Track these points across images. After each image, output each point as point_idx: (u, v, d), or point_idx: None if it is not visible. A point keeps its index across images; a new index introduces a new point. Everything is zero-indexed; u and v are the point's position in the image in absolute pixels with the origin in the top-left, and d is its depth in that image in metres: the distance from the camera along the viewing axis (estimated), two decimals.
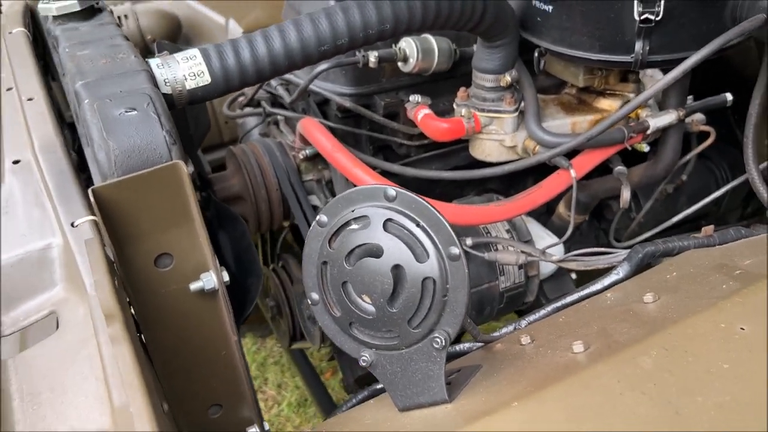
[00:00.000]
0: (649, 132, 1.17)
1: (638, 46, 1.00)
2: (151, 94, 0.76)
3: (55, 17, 1.00)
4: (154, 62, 0.84)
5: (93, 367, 0.62)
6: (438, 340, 0.62)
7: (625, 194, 1.15)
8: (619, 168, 1.21)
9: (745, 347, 0.58)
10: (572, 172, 1.11)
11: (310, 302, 0.68)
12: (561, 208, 1.36)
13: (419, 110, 1.18)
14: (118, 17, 1.93)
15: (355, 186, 0.91)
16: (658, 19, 0.96)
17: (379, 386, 0.87)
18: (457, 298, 0.61)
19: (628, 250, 0.93)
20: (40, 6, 1.00)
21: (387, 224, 0.62)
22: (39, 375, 0.64)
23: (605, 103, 1.25)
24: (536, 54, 1.12)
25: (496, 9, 0.99)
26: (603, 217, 1.50)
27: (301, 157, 1.25)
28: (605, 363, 0.60)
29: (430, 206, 0.61)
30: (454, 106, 1.19)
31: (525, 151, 1.18)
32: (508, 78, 1.12)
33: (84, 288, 0.70)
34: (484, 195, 1.28)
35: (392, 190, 0.62)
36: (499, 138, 1.17)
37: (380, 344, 0.65)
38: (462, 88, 1.17)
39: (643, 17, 0.97)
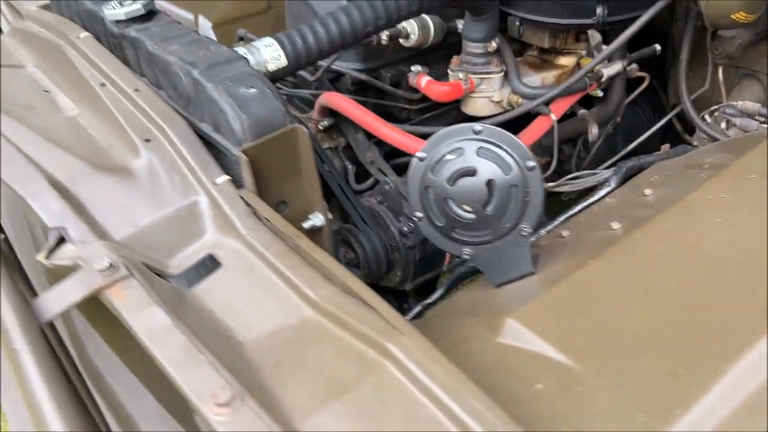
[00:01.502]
0: (603, 80, 1.46)
1: (599, 10, 1.27)
2: (257, 75, 0.95)
3: (119, 21, 1.15)
4: (241, 50, 1.02)
5: (275, 280, 0.81)
6: (524, 230, 0.86)
7: (594, 129, 1.43)
8: (583, 111, 1.49)
9: (729, 207, 0.86)
10: (552, 116, 1.38)
11: (415, 219, 0.90)
12: None
13: (421, 78, 1.41)
14: None
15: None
16: None
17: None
18: (534, 198, 0.85)
19: (612, 168, 1.20)
20: (108, 12, 1.15)
21: (479, 151, 0.85)
22: (224, 298, 0.82)
23: (564, 60, 1.53)
24: (517, 23, 1.38)
25: None
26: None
27: (320, 128, 1.45)
28: (640, 230, 0.86)
29: (508, 133, 0.85)
30: (449, 71, 1.43)
31: (510, 104, 1.44)
32: (494, 44, 1.37)
33: (236, 230, 0.89)
34: None
35: (478, 125, 0.86)
36: (488, 95, 1.42)
37: (477, 241, 0.88)
38: (455, 56, 1.42)
39: None
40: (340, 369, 0.67)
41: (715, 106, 1.51)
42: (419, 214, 0.90)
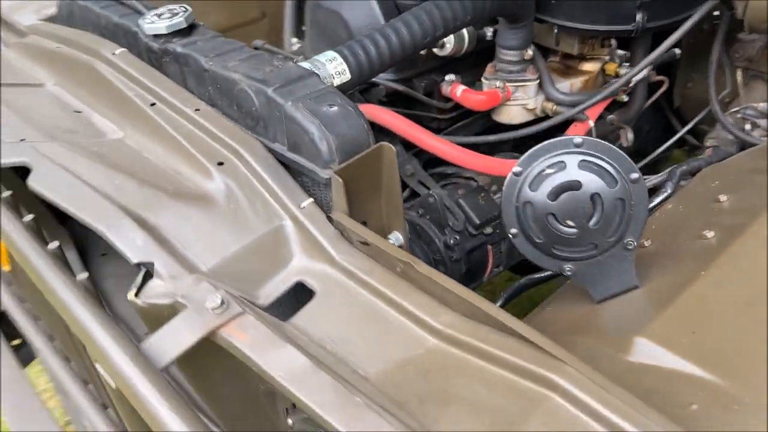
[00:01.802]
0: (630, 85, 1.47)
1: (638, 17, 1.28)
2: (336, 92, 0.91)
3: (159, 35, 1.08)
4: (305, 65, 0.98)
5: (384, 307, 0.77)
6: (630, 243, 0.84)
7: (629, 135, 1.44)
8: (611, 116, 1.50)
9: None
10: (591, 123, 1.38)
11: (510, 236, 0.88)
12: None
13: (456, 87, 1.38)
14: None
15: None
16: None
17: None
18: (639, 211, 0.84)
19: (664, 173, 1.21)
20: (146, 26, 1.08)
21: (581, 164, 0.83)
22: (327, 329, 0.77)
23: (588, 66, 1.53)
24: (555, 31, 1.37)
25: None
26: None
27: None
28: (743, 238, 0.85)
29: (610, 145, 0.83)
30: (483, 79, 1.41)
31: (543, 112, 1.43)
32: (529, 52, 1.36)
33: (327, 255, 0.84)
34: (507, 153, 1.51)
35: (578, 138, 0.84)
36: (523, 102, 1.41)
37: (580, 256, 0.86)
38: (489, 64, 1.40)
39: None
40: (497, 403, 0.63)
41: (735, 108, 1.53)
42: (514, 231, 0.87)
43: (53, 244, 0.78)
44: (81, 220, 0.81)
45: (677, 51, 1.57)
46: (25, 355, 1.63)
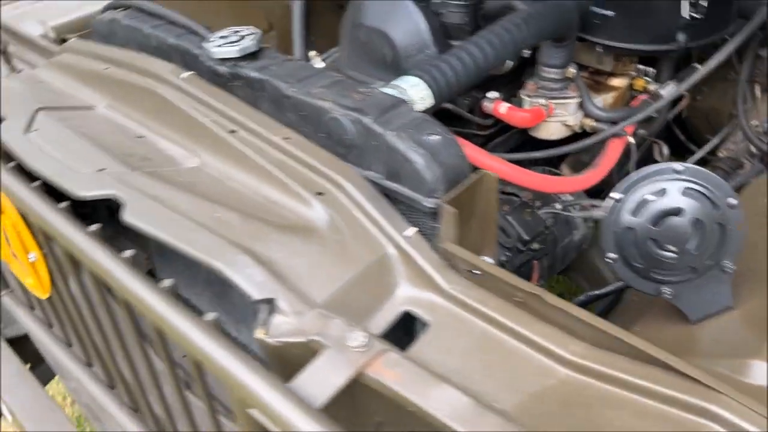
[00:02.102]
0: (665, 101, 1.51)
1: (681, 37, 1.32)
2: (433, 120, 0.91)
3: (227, 59, 1.07)
4: (391, 91, 0.98)
5: (505, 338, 0.78)
6: (727, 266, 0.87)
7: (665, 150, 1.48)
8: (642, 131, 1.54)
9: None
10: (630, 139, 1.41)
11: (609, 260, 0.90)
12: None
13: (499, 104, 1.40)
14: None
15: None
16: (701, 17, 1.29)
17: None
18: (736, 235, 0.87)
19: None
20: (215, 49, 1.06)
21: (684, 190, 0.86)
22: (446, 362, 0.77)
23: (617, 81, 1.56)
24: (599, 50, 1.40)
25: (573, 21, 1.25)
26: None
27: None
28: None
29: (709, 172, 0.86)
30: (524, 97, 1.43)
31: (581, 128, 1.46)
32: (572, 70, 1.39)
33: (436, 285, 0.84)
34: (546, 168, 1.54)
35: (679, 165, 0.86)
36: (563, 119, 1.43)
37: (677, 279, 0.88)
38: (530, 82, 1.42)
39: (690, 16, 1.28)
40: None
41: (755, 122, 1.60)
42: (613, 256, 0.89)
43: (166, 282, 0.76)
44: (193, 256, 0.80)
45: (698, 66, 1.63)
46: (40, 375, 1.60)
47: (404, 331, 0.86)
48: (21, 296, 1.35)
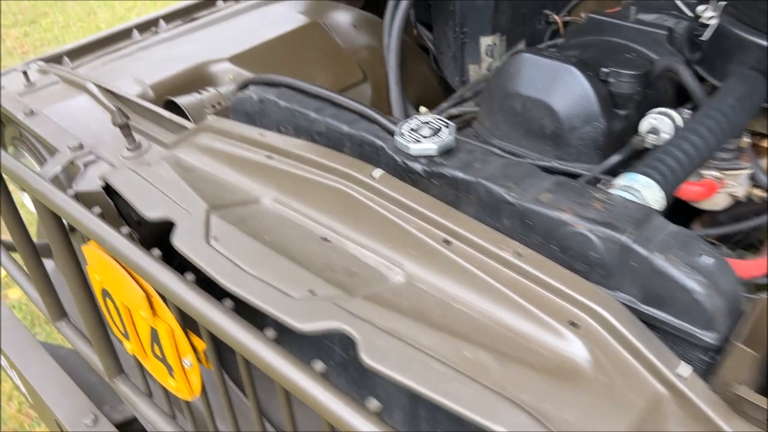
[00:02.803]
0: None
1: None
2: (694, 236, 0.80)
3: (424, 157, 0.96)
4: (622, 194, 0.87)
5: None
6: None
7: None
8: None
9: None
10: None
11: None
12: None
13: None
14: None
15: None
16: None
17: None
18: None
19: None
20: (415, 146, 0.95)
21: None
22: None
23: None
24: None
25: None
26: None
27: None
28: None
29: None
30: None
31: (748, 198, 1.35)
32: (745, 140, 1.28)
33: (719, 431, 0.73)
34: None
35: None
36: (732, 191, 1.33)
37: None
38: None
39: None
40: None
41: None
42: None
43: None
44: (459, 413, 0.69)
45: None
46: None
47: None
48: (142, 385, 1.24)
